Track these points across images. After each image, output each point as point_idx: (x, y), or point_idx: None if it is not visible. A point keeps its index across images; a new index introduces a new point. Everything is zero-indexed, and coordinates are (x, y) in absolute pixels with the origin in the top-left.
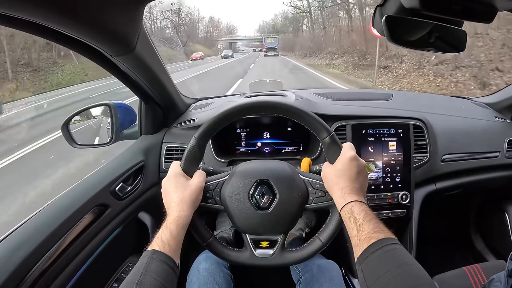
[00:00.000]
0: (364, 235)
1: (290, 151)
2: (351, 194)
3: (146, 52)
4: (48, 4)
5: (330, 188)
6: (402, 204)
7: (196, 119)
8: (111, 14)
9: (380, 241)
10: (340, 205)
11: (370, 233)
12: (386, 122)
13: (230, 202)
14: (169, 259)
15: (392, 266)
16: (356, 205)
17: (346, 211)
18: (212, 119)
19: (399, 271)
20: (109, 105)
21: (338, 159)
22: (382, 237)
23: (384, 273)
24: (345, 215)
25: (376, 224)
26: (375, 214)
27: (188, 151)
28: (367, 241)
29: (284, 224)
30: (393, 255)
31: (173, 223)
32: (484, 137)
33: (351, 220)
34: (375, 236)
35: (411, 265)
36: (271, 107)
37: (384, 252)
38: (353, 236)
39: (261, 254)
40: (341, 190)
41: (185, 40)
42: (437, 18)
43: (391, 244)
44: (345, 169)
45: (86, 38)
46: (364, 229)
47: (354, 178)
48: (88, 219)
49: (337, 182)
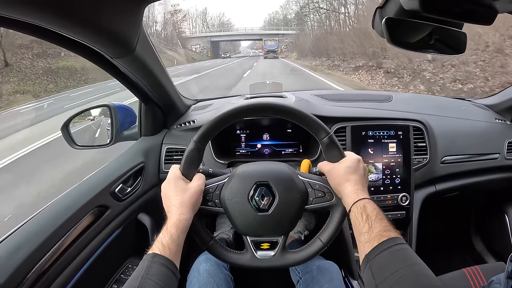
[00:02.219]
0: (376, 233)
1: (290, 153)
2: (364, 191)
3: (146, 54)
4: (48, 7)
5: (340, 184)
6: (401, 206)
7: (196, 120)
8: (111, 16)
9: (391, 240)
10: (353, 200)
11: (381, 231)
12: (386, 124)
13: (230, 204)
14: (170, 263)
15: (403, 265)
16: (370, 203)
17: (359, 206)
18: (210, 122)
19: (410, 270)
20: (109, 106)
21: (345, 158)
22: (393, 236)
23: (394, 271)
24: (356, 211)
25: (388, 224)
26: (385, 215)
27: (187, 155)
28: (378, 238)
29: (284, 225)
30: (403, 255)
31: (173, 226)
32: (484, 138)
33: (363, 216)
34: (386, 235)
35: (421, 265)
36: (269, 108)
37: (395, 251)
38: (363, 232)
39: (262, 256)
40: (354, 185)
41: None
42: (437, 20)
43: (401, 243)
44: (354, 167)
45: (86, 40)
46: (376, 226)
47: (362, 178)
48: (88, 220)
49: (349, 178)
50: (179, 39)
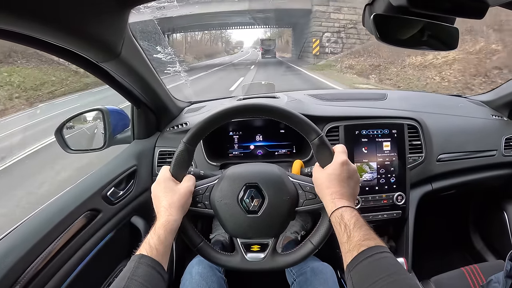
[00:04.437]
0: (355, 242)
1: (283, 154)
2: (342, 199)
3: (133, 58)
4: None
5: (320, 193)
6: (397, 205)
7: (188, 122)
8: (93, 21)
9: (371, 249)
10: (330, 210)
11: (360, 240)
12: (380, 122)
13: (219, 206)
14: (157, 264)
15: (384, 274)
16: (346, 211)
17: (336, 216)
18: (199, 123)
19: (391, 280)
20: (102, 110)
21: (329, 164)
22: (373, 245)
23: (374, 281)
24: (335, 221)
25: (367, 231)
26: (366, 221)
27: (176, 156)
28: (358, 248)
29: (274, 228)
30: (383, 264)
31: (161, 227)
32: (480, 135)
33: (342, 226)
34: (365, 244)
35: (402, 274)
36: (258, 109)
37: (374, 260)
38: (343, 242)
39: (252, 258)
40: (331, 195)
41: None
42: (427, 15)
43: (382, 252)
44: (336, 173)
45: (70, 45)
46: (355, 235)
47: (345, 183)
48: (80, 223)
49: (328, 186)
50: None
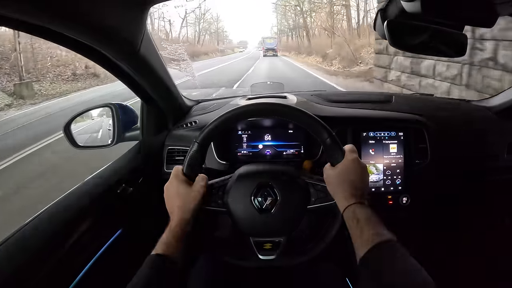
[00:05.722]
0: (367, 236)
1: (292, 154)
2: (354, 196)
3: (150, 54)
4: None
5: (332, 191)
6: (403, 206)
7: (197, 121)
8: (115, 17)
9: (384, 243)
10: (343, 207)
11: (373, 234)
12: (387, 125)
13: (232, 205)
14: (173, 262)
15: (397, 267)
16: (358, 207)
17: (349, 212)
18: (213, 123)
19: (404, 272)
20: (111, 106)
21: (341, 163)
22: (385, 239)
23: (388, 274)
24: (347, 217)
25: (379, 226)
26: (377, 216)
27: (189, 156)
28: (370, 242)
29: (287, 226)
30: (396, 257)
31: (177, 227)
32: (484, 140)
33: (354, 221)
34: (378, 238)
35: (415, 266)
36: (271, 110)
37: (387, 254)
38: (356, 237)
39: (265, 256)
40: (343, 192)
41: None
42: (438, 22)
43: (394, 245)
44: (347, 172)
45: (90, 41)
46: (368, 230)
47: (356, 180)
48: (89, 221)
49: (340, 184)
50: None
